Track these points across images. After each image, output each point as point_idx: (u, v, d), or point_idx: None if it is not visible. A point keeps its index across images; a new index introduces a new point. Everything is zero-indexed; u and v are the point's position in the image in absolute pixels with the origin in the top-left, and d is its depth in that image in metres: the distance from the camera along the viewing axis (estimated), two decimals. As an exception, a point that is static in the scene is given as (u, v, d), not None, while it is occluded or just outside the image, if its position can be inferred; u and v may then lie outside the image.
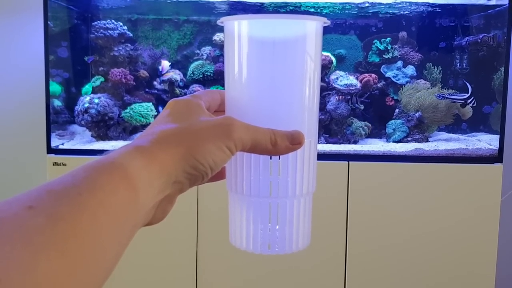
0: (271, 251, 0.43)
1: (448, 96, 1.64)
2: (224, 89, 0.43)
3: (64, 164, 1.51)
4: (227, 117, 0.36)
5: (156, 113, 1.69)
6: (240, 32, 0.41)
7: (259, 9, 1.75)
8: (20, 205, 0.25)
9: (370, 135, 1.73)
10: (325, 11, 1.77)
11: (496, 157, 1.52)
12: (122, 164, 0.30)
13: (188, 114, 0.36)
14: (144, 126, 1.72)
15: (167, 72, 1.75)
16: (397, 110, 1.74)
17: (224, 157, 0.35)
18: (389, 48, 1.77)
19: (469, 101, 1.60)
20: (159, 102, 1.78)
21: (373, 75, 1.74)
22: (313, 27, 0.41)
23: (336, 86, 1.69)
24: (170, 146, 0.33)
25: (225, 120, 0.36)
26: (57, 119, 1.71)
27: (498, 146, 1.52)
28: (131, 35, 1.77)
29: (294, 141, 0.38)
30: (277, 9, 1.73)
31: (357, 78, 1.74)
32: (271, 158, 0.41)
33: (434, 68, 1.75)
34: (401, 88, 1.72)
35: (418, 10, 1.77)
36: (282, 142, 0.38)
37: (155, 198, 0.32)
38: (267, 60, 0.41)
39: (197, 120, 0.35)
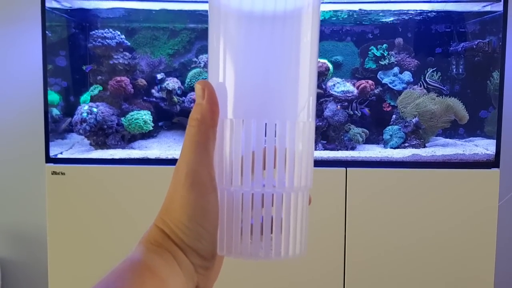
0: (264, 257, 0.37)
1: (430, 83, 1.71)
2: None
3: (63, 173, 1.51)
4: None
5: (153, 124, 1.70)
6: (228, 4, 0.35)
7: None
8: None
9: (367, 141, 1.74)
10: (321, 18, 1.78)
11: (493, 162, 1.53)
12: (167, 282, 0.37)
13: (207, 221, 0.38)
14: (142, 135, 1.72)
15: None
16: (394, 116, 1.74)
17: None
18: (385, 54, 1.79)
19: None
20: (157, 110, 1.79)
21: (370, 82, 1.75)
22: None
23: (333, 93, 1.70)
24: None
25: None
26: (56, 127, 1.71)
27: (494, 151, 1.53)
28: (129, 44, 1.78)
29: None
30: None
31: (354, 85, 1.75)
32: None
33: (434, 73, 1.76)
34: (399, 95, 1.73)
35: (414, 16, 1.79)
36: None
37: None
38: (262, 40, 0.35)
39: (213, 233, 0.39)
